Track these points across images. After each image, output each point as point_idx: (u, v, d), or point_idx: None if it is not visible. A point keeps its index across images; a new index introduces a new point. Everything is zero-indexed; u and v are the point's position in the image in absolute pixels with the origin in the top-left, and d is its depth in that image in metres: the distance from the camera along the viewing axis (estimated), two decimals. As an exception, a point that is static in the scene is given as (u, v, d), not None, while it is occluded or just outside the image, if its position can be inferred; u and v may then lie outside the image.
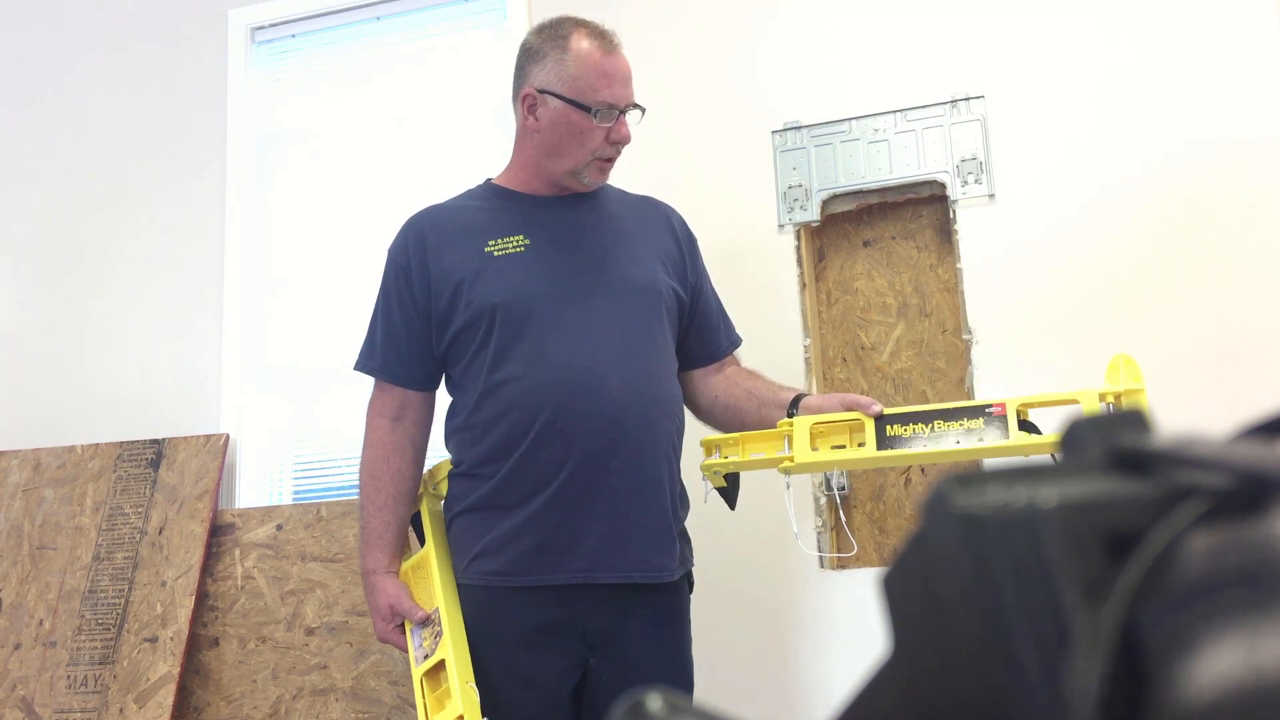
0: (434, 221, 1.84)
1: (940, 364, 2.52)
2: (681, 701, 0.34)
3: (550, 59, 1.77)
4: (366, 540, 1.80)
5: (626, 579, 1.70)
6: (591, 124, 1.76)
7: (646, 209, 1.95)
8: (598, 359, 1.71)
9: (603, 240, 1.82)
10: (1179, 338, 2.29)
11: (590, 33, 1.78)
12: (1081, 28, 2.46)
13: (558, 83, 1.76)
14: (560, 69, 1.76)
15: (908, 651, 0.29)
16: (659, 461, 1.75)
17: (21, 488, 2.90)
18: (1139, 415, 0.29)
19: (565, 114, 1.76)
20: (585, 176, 1.81)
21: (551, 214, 1.83)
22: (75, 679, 2.63)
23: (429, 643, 1.67)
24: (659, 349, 1.80)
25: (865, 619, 2.34)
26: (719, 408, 1.88)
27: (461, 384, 1.80)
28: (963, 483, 0.28)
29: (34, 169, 3.23)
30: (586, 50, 1.76)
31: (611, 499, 1.69)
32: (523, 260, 1.77)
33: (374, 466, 1.80)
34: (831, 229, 2.63)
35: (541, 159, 1.81)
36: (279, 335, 2.97)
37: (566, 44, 1.76)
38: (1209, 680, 0.23)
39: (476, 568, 1.72)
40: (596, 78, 1.75)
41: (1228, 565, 0.25)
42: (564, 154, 1.78)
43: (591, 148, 1.77)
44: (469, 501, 1.76)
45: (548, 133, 1.78)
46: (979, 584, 0.27)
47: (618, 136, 1.78)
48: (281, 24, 3.11)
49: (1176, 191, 2.34)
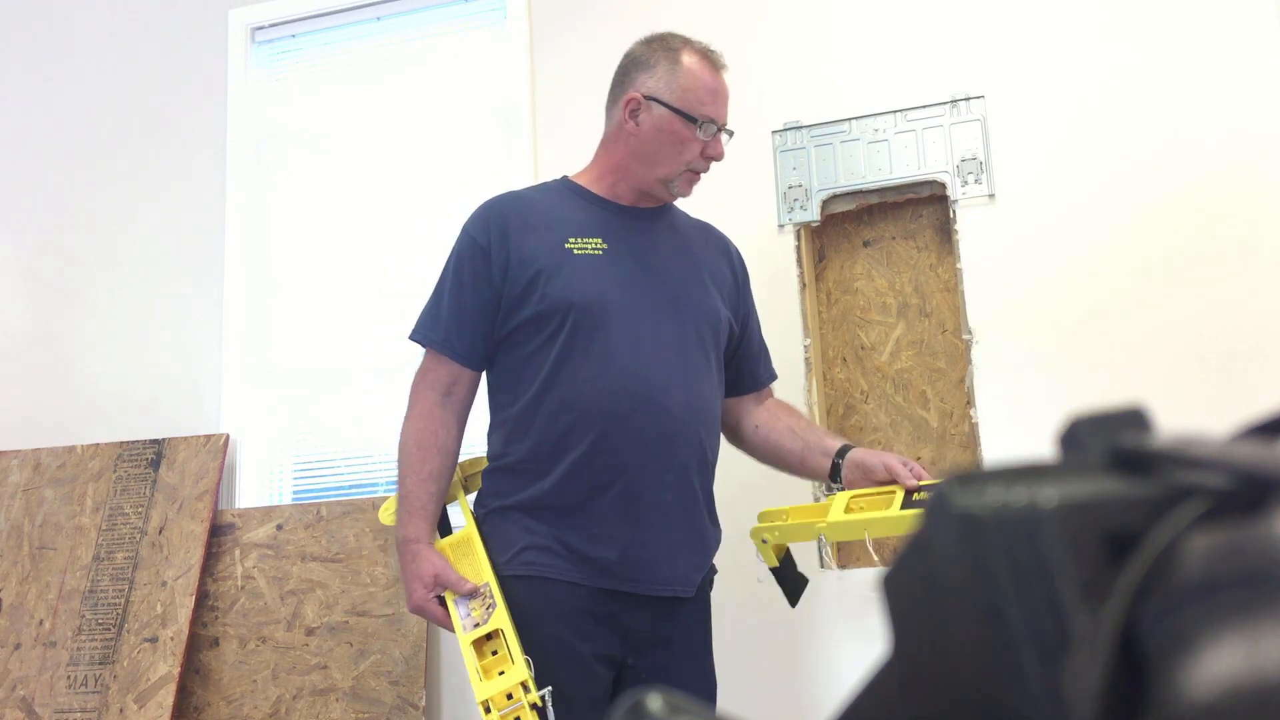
0: (517, 207, 1.84)
1: (940, 364, 2.52)
2: (681, 701, 0.34)
3: (661, 68, 1.82)
4: (408, 510, 1.77)
5: (670, 593, 1.74)
6: (693, 136, 1.81)
7: (709, 235, 2.00)
8: (664, 374, 1.75)
9: (674, 258, 1.87)
10: (1179, 337, 2.29)
11: (702, 50, 1.86)
12: (1081, 28, 2.46)
13: (666, 92, 1.81)
14: (671, 79, 1.81)
15: (908, 651, 0.29)
16: (706, 480, 1.82)
17: (21, 488, 2.90)
18: (1139, 415, 0.29)
19: (670, 122, 1.81)
20: (675, 187, 1.86)
21: (630, 223, 1.87)
22: (75, 679, 2.63)
23: (479, 613, 1.67)
24: (714, 373, 1.86)
25: (866, 619, 2.34)
26: (759, 438, 1.95)
27: (518, 373, 1.78)
28: (963, 483, 0.28)
29: (34, 169, 3.23)
30: (698, 66, 1.83)
31: (664, 512, 1.73)
32: (601, 264, 1.79)
33: (421, 437, 1.78)
34: (831, 229, 2.63)
35: (634, 164, 1.84)
36: (279, 335, 2.97)
37: (678, 57, 1.83)
38: (1209, 680, 0.23)
39: (525, 560, 1.72)
40: (705, 93, 1.81)
41: (1228, 565, 0.25)
42: (659, 161, 1.82)
43: (687, 159, 1.82)
44: (516, 499, 1.75)
45: (647, 138, 1.82)
46: (979, 584, 0.27)
47: (713, 152, 1.83)
48: (281, 24, 3.11)
49: (1176, 191, 2.34)
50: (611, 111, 1.89)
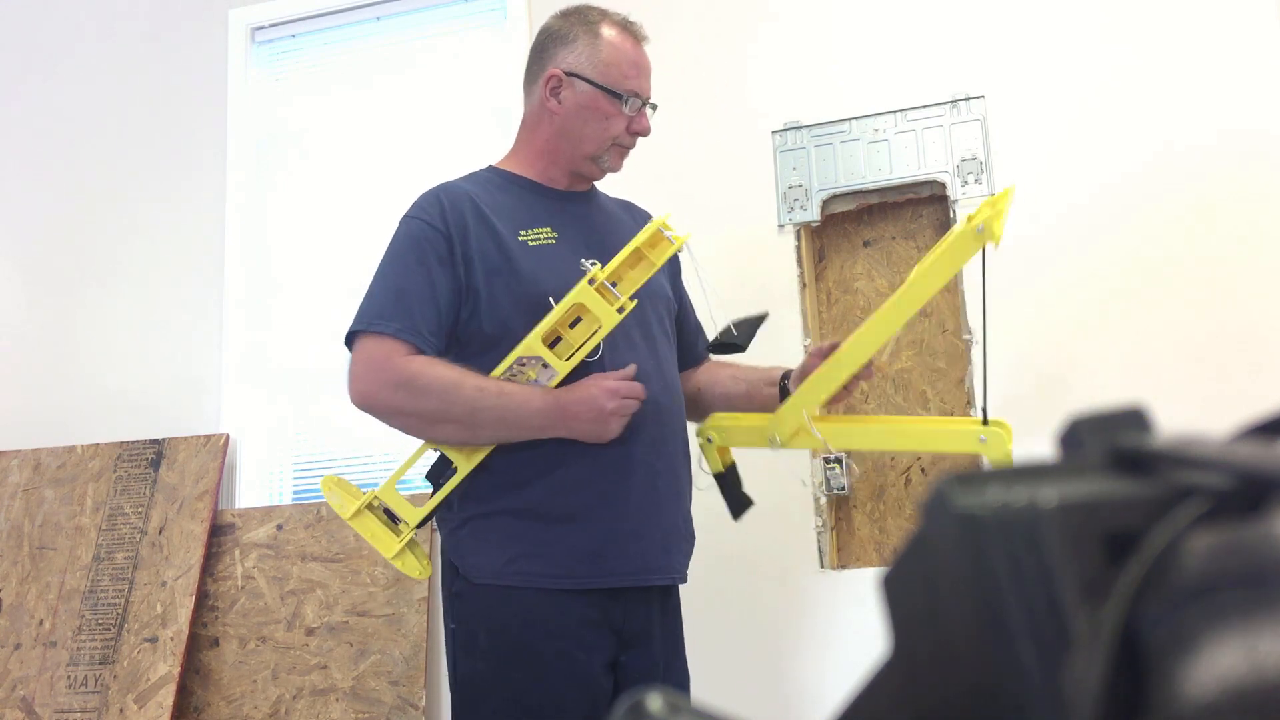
0: (466, 195, 1.73)
1: (940, 364, 2.52)
2: (681, 701, 0.34)
3: (580, 43, 1.75)
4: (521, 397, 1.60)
5: (669, 580, 1.72)
6: (618, 111, 1.74)
7: (635, 213, 1.93)
8: (639, 363, 1.68)
9: (616, 241, 1.76)
10: (1179, 337, 2.29)
11: (621, 22, 1.78)
12: (1081, 28, 2.46)
13: (588, 67, 1.74)
14: (591, 54, 1.74)
15: (908, 651, 0.29)
16: (687, 464, 1.78)
17: (21, 488, 2.90)
18: (1139, 415, 0.29)
19: (593, 98, 1.74)
20: (604, 162, 1.79)
21: (570, 208, 1.80)
22: (75, 679, 2.63)
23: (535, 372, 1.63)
24: (673, 354, 1.82)
25: (865, 619, 2.34)
26: (707, 398, 1.90)
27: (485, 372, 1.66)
28: (963, 483, 0.28)
29: (34, 169, 3.24)
30: (619, 39, 1.76)
31: (657, 502, 1.68)
32: (557, 253, 1.70)
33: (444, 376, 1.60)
34: (831, 229, 2.63)
35: (560, 144, 1.78)
36: (279, 335, 2.97)
37: (598, 30, 1.76)
38: (1209, 680, 0.23)
39: (517, 569, 1.64)
40: (628, 66, 1.75)
41: (1228, 565, 0.25)
42: (585, 138, 1.76)
43: (613, 134, 1.75)
44: (501, 504, 1.66)
45: (571, 116, 1.75)
46: (979, 584, 0.27)
47: (639, 128, 1.77)
48: (281, 24, 3.11)
49: (1176, 191, 2.34)
50: (531, 90, 1.81)
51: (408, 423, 1.66)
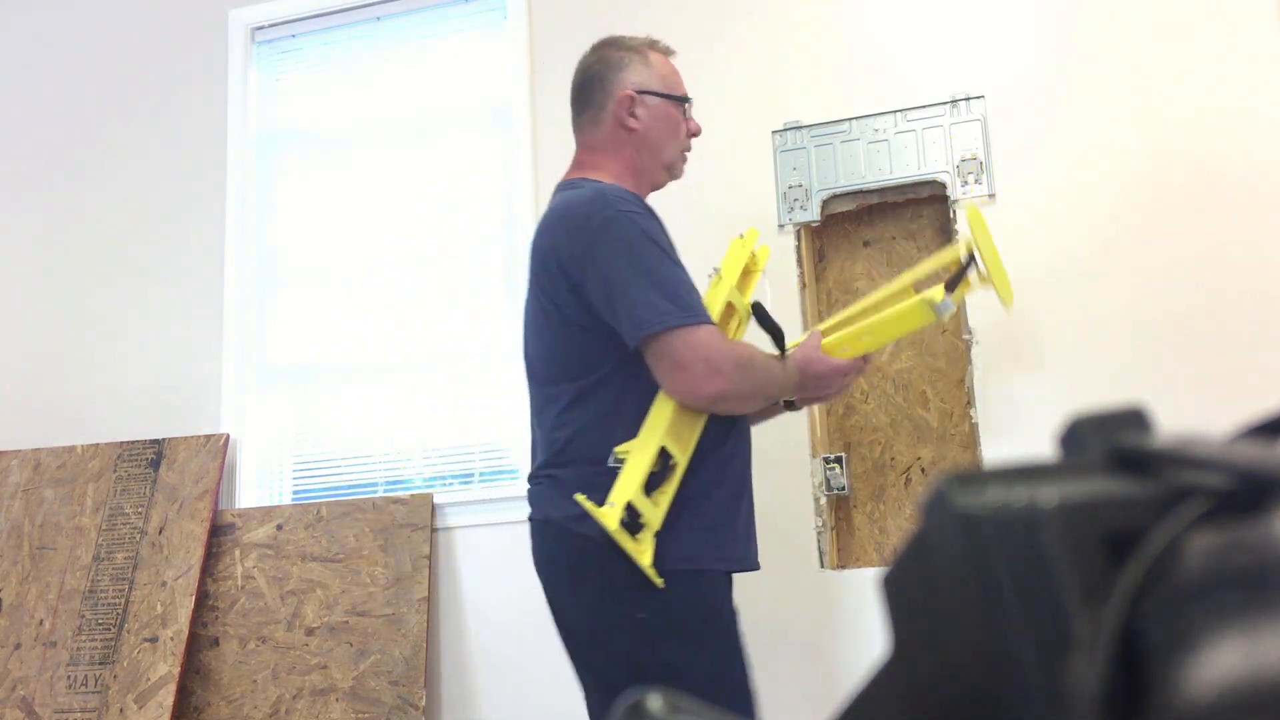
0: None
1: (940, 364, 2.52)
2: (681, 701, 0.34)
3: (636, 63, 1.87)
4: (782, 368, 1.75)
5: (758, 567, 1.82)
6: (681, 116, 1.88)
7: None
8: None
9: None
10: (1178, 337, 2.29)
11: (652, 40, 1.92)
12: (1081, 28, 2.46)
13: (653, 82, 1.87)
14: (649, 71, 1.87)
15: (908, 652, 0.29)
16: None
17: (21, 488, 2.90)
18: (1139, 415, 0.29)
19: (664, 108, 1.86)
20: (676, 169, 1.91)
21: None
22: (75, 679, 2.63)
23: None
24: None
25: (865, 619, 2.34)
26: None
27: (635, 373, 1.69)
28: (963, 483, 0.28)
29: (34, 169, 3.24)
30: (659, 54, 1.91)
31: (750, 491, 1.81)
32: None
33: (753, 351, 1.72)
34: (832, 229, 2.63)
35: (645, 159, 1.86)
36: (279, 335, 2.97)
37: (642, 50, 1.89)
38: (1209, 680, 0.23)
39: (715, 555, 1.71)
40: (675, 75, 1.90)
41: (1228, 565, 0.25)
42: (664, 148, 1.87)
43: (682, 140, 1.89)
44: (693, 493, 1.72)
45: (650, 130, 1.85)
46: (979, 584, 0.27)
47: (695, 129, 1.90)
48: (281, 24, 3.11)
49: (1176, 190, 2.34)
50: (599, 119, 1.85)
51: (747, 403, 1.75)
